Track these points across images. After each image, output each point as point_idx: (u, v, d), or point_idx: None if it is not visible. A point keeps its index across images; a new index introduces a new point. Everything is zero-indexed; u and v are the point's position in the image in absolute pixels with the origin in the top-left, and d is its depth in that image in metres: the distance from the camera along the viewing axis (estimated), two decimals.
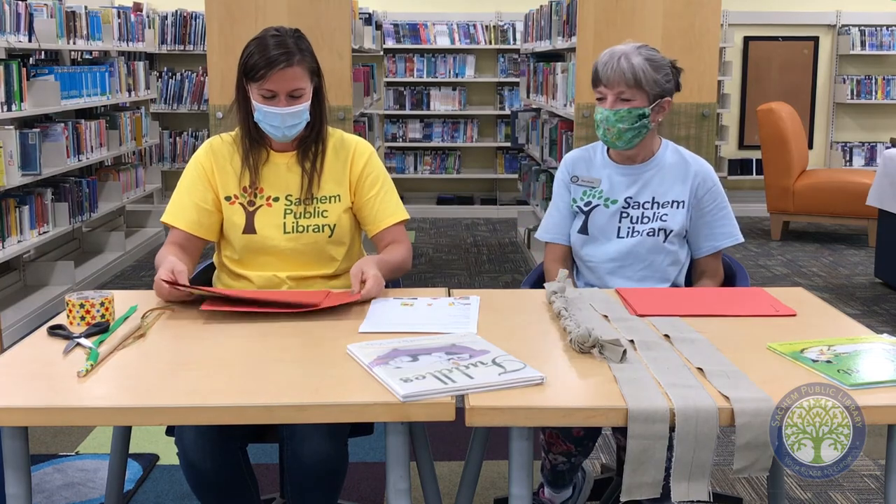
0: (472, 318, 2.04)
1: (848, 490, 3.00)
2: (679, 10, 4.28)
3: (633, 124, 2.44)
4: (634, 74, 2.41)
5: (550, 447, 2.41)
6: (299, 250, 2.39)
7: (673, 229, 2.49)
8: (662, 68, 2.45)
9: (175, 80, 7.96)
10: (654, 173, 2.53)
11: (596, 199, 2.54)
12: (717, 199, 2.55)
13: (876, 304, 5.32)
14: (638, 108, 2.43)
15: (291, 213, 2.40)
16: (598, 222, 2.53)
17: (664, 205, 2.51)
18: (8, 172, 4.56)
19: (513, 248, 6.90)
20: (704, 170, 2.56)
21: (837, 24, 8.28)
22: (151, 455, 3.22)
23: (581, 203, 2.56)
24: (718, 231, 2.55)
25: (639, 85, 2.42)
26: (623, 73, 2.41)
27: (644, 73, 2.41)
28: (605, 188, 2.54)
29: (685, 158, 2.56)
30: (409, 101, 8.40)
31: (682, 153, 2.58)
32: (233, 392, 1.64)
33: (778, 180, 7.03)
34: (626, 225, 2.52)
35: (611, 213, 2.53)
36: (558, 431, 2.28)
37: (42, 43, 5.17)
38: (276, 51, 2.29)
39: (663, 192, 2.52)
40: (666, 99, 2.48)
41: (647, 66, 2.42)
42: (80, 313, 2.01)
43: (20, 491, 1.66)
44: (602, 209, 2.53)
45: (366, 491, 2.96)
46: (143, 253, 6.63)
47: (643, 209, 2.51)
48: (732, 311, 2.11)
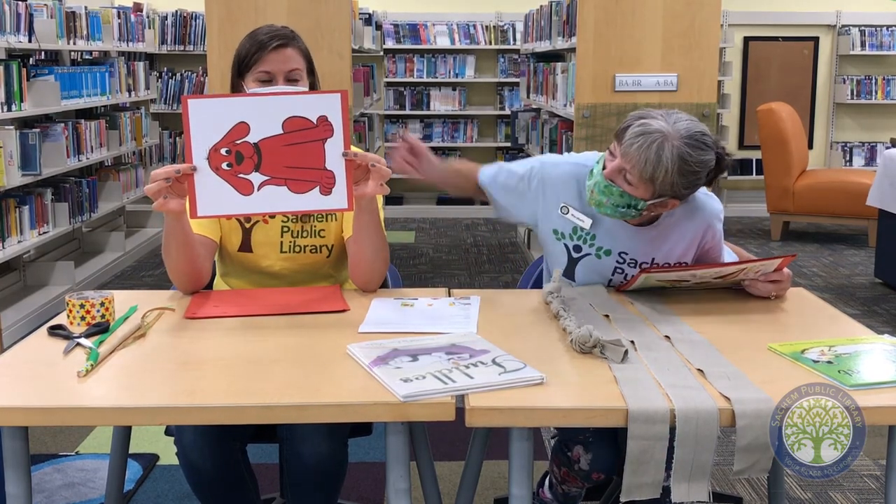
0: (472, 318, 2.04)
1: (848, 490, 3.00)
2: (679, 10, 4.28)
3: (617, 207, 2.11)
4: (655, 170, 2.01)
5: (564, 482, 2.28)
6: (296, 269, 2.34)
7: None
8: (693, 174, 2.05)
9: (175, 81, 7.96)
10: (657, 234, 2.23)
11: (587, 246, 2.25)
12: (718, 247, 2.31)
13: (876, 304, 5.32)
14: (632, 197, 2.08)
15: (289, 231, 2.32)
16: (587, 271, 2.27)
17: (664, 266, 2.24)
18: (8, 172, 4.56)
19: (513, 248, 6.90)
20: (713, 226, 2.26)
21: (837, 24, 8.28)
22: (151, 455, 3.22)
23: (570, 243, 2.27)
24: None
25: (652, 181, 2.04)
26: (645, 161, 2.01)
27: (666, 173, 2.02)
28: (598, 233, 2.23)
29: (692, 211, 2.23)
30: (409, 102, 8.40)
31: (690, 202, 2.21)
32: (233, 392, 1.64)
33: (778, 180, 7.03)
34: (619, 279, 2.26)
35: (602, 264, 2.25)
36: (576, 475, 2.17)
37: (42, 43, 5.17)
38: (269, 34, 2.24)
39: (665, 253, 2.24)
40: (673, 200, 2.11)
41: (676, 165, 2.01)
42: (80, 313, 2.01)
43: (20, 491, 1.66)
44: (593, 259, 2.25)
45: (366, 491, 2.96)
46: (143, 253, 6.63)
47: (640, 268, 2.23)
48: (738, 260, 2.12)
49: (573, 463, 2.16)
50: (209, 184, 2.01)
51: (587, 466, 2.13)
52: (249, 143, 2.01)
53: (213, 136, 2.00)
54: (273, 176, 2.02)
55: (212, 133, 2.00)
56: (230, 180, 2.02)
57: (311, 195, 2.04)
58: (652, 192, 2.07)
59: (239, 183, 2.02)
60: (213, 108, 2.02)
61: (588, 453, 2.12)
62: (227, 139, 2.00)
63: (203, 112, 2.01)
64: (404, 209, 8.27)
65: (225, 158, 2.01)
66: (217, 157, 2.01)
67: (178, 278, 2.20)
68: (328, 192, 2.04)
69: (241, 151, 2.01)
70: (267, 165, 2.02)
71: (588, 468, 2.13)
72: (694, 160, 2.03)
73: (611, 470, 2.15)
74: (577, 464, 2.15)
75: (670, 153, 2.01)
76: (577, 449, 2.14)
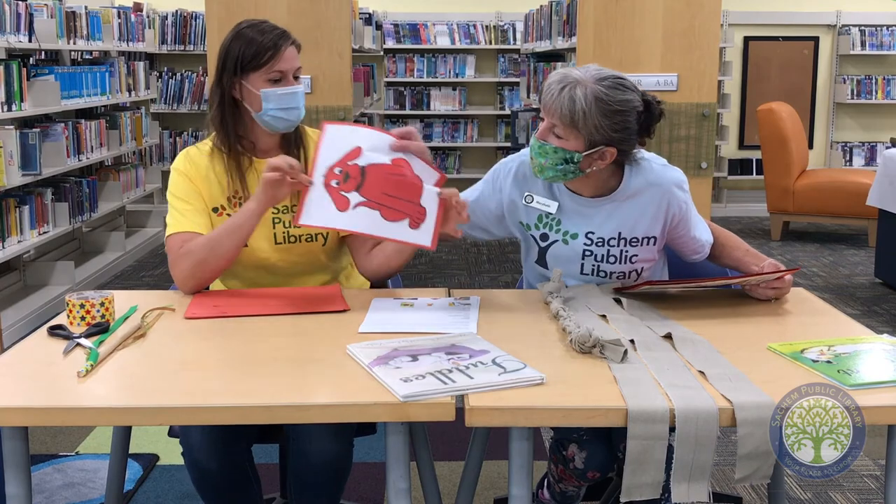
0: (472, 318, 2.04)
1: (848, 490, 3.00)
2: (679, 10, 4.28)
3: (556, 165, 2.09)
4: (572, 112, 2.03)
5: (561, 481, 2.28)
6: (292, 261, 2.33)
7: (644, 266, 2.25)
8: (616, 114, 2.05)
9: (175, 80, 7.96)
10: (616, 206, 2.20)
11: (554, 233, 2.23)
12: (690, 218, 2.26)
13: (876, 304, 5.32)
14: (566, 151, 2.08)
15: (281, 221, 2.31)
16: (558, 258, 2.25)
17: (632, 242, 2.21)
18: (8, 172, 4.56)
19: (513, 247, 6.90)
20: (675, 195, 2.21)
21: (837, 24, 8.28)
22: (151, 455, 3.22)
23: (536, 233, 2.25)
24: (697, 244, 2.31)
25: (574, 125, 2.05)
26: (561, 106, 2.04)
27: (585, 115, 2.03)
28: (563, 218, 2.22)
29: (651, 182, 2.20)
30: (410, 101, 8.40)
31: (647, 174, 2.20)
32: (233, 392, 1.64)
33: (778, 180, 7.03)
34: (591, 263, 2.23)
35: (571, 249, 2.22)
36: (572, 473, 2.18)
37: (42, 43, 5.17)
38: (273, 32, 2.24)
39: (630, 226, 2.20)
40: (609, 149, 2.09)
41: (594, 106, 2.03)
42: (80, 313, 2.01)
43: (20, 491, 1.66)
44: (561, 245, 2.23)
45: (366, 491, 2.96)
46: (143, 253, 6.63)
47: (608, 246, 2.21)
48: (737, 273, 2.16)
49: (568, 461, 2.16)
50: (315, 197, 2.12)
51: (582, 465, 2.14)
52: (358, 165, 2.13)
53: (334, 157, 2.14)
54: (370, 199, 2.13)
55: (334, 154, 2.14)
56: (332, 194, 2.12)
57: (400, 225, 2.13)
58: (582, 141, 2.07)
59: (339, 199, 2.12)
60: (344, 134, 2.17)
61: (582, 451, 2.13)
62: (343, 160, 2.13)
63: (336, 135, 2.16)
64: None
65: (335, 177, 2.13)
66: (330, 175, 2.13)
67: (203, 274, 2.20)
68: (416, 227, 2.14)
69: (349, 172, 2.13)
70: (368, 188, 2.13)
71: (583, 467, 2.14)
72: (612, 99, 2.05)
73: (605, 468, 2.15)
74: (572, 462, 2.15)
75: (583, 93, 2.04)
76: (571, 447, 2.15)
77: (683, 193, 2.24)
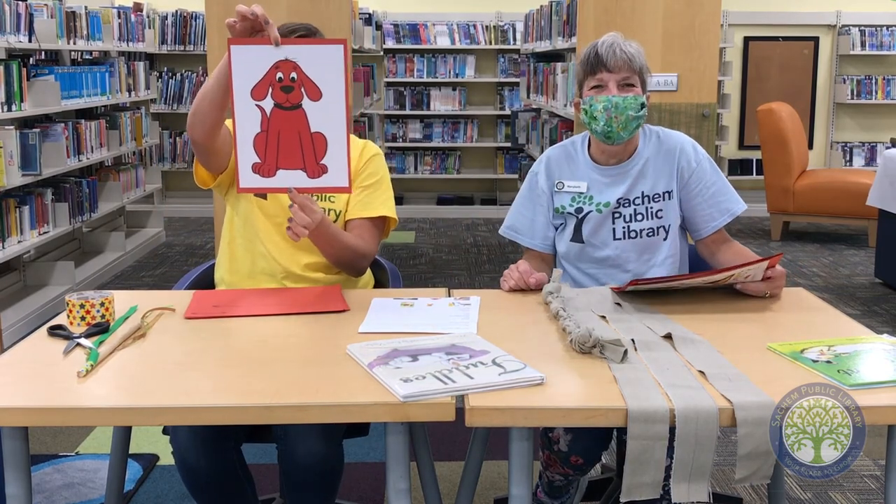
0: (472, 318, 2.04)
1: (848, 490, 3.00)
2: (679, 10, 4.29)
3: (638, 112, 2.36)
4: (639, 61, 2.37)
5: (548, 467, 2.32)
6: None
7: (671, 223, 2.43)
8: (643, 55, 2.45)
9: (175, 81, 7.97)
10: (640, 169, 2.44)
11: (587, 204, 2.44)
12: (704, 178, 2.45)
13: (876, 304, 5.32)
14: (640, 97, 2.38)
15: None
16: (592, 227, 2.43)
17: (655, 198, 2.43)
18: (8, 172, 4.56)
19: (513, 248, 6.90)
20: (685, 150, 2.46)
21: (837, 24, 8.28)
22: (151, 455, 3.22)
23: (571, 209, 2.45)
24: (714, 209, 2.46)
25: (640, 72, 2.38)
26: (628, 59, 2.35)
27: (642, 62, 2.39)
28: (594, 193, 2.45)
29: (663, 141, 2.47)
30: (409, 102, 8.41)
31: (660, 137, 2.49)
32: (233, 392, 1.64)
33: (778, 180, 7.03)
34: (621, 225, 2.43)
35: (603, 217, 2.43)
36: (556, 457, 2.22)
37: (42, 43, 5.17)
38: (289, 28, 2.38)
39: (651, 185, 2.43)
40: (649, 92, 2.45)
41: (643, 55, 2.40)
42: (80, 313, 2.01)
43: (20, 491, 1.66)
44: (595, 214, 2.43)
45: (366, 491, 2.96)
46: (143, 253, 6.63)
47: (634, 206, 2.42)
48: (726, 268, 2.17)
49: (553, 443, 2.18)
50: (246, 158, 2.08)
51: (566, 448, 2.16)
52: None
53: (253, 79, 2.06)
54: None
55: (253, 75, 2.07)
56: (259, 152, 2.09)
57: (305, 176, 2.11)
58: (642, 84, 2.40)
59: (265, 168, 2.10)
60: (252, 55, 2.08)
61: (568, 434, 2.15)
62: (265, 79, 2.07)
63: (246, 57, 2.07)
64: (404, 209, 8.26)
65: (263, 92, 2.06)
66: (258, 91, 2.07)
67: (194, 119, 2.21)
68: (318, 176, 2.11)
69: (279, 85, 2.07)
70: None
71: (567, 450, 2.16)
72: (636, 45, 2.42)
73: (590, 456, 2.18)
74: (557, 444, 2.17)
75: (635, 47, 2.39)
76: (557, 430, 2.17)
77: (693, 152, 2.47)
